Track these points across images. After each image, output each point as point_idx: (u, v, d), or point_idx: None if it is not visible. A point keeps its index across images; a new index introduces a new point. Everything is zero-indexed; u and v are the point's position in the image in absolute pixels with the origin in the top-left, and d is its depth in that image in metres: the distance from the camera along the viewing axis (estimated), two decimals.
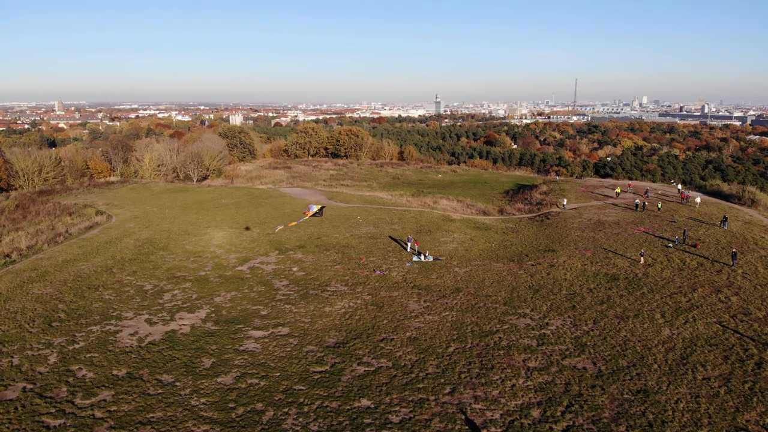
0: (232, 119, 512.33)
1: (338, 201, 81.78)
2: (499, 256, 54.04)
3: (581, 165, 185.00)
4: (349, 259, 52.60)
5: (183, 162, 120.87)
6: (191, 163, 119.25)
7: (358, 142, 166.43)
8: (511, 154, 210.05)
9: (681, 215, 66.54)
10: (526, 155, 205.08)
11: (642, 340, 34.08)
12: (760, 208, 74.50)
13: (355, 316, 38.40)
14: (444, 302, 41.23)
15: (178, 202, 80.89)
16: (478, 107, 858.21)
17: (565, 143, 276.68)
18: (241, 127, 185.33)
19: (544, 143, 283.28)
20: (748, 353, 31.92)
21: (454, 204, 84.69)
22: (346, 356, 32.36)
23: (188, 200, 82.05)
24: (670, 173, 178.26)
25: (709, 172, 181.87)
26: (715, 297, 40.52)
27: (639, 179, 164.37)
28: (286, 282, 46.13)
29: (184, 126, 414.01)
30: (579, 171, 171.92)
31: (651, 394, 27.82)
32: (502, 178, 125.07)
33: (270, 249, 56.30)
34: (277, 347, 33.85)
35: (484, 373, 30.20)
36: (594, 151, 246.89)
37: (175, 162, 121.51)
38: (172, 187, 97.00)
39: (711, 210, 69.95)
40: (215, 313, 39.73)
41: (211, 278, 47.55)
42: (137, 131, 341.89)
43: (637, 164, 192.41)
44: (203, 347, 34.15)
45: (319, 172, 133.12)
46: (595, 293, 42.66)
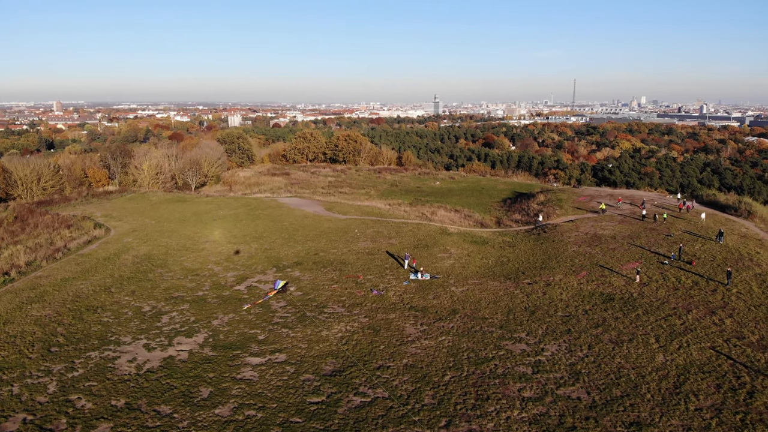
0: (231, 120, 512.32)
1: (336, 212, 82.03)
2: (496, 274, 54.32)
3: (579, 168, 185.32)
4: (346, 277, 52.85)
5: (181, 169, 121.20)
6: (189, 170, 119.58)
7: (356, 148, 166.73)
8: (510, 157, 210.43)
9: (677, 228, 66.86)
10: (525, 158, 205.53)
11: (636, 367, 34.35)
12: (756, 219, 74.80)
13: (351, 341, 38.64)
14: (440, 325, 41.51)
15: (176, 213, 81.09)
16: (476, 107, 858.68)
17: (563, 145, 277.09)
18: (240, 132, 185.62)
19: (543, 145, 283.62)
20: (740, 381, 32.20)
21: (451, 215, 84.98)
22: (343, 386, 32.60)
23: (186, 212, 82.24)
24: (668, 177, 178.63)
25: (707, 176, 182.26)
26: (709, 319, 40.80)
27: (637, 182, 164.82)
28: (283, 303, 46.38)
29: (182, 127, 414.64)
30: (577, 174, 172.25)
31: (644, 426, 28.09)
32: (499, 185, 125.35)
33: (267, 266, 56.55)
34: (274, 375, 34.08)
35: (479, 404, 30.46)
36: (592, 153, 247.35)
37: (173, 169, 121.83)
38: (170, 197, 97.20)
39: (707, 222, 70.23)
40: (213, 337, 39.95)
41: (209, 299, 47.80)
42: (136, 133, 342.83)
43: (635, 167, 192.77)
44: (201, 375, 34.36)
45: (318, 178, 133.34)
46: (591, 315, 42.94)
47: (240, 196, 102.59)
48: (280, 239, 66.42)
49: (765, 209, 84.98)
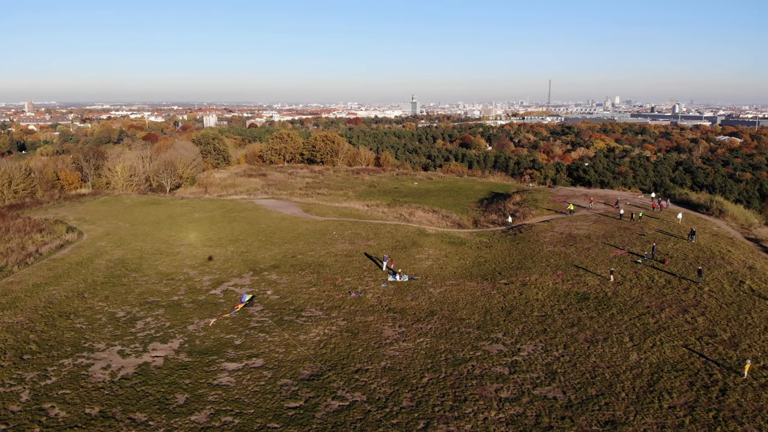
0: (206, 120, 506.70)
1: (314, 214, 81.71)
2: (473, 275, 54.67)
3: (554, 168, 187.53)
4: (324, 280, 52.68)
5: (156, 171, 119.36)
6: (164, 171, 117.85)
7: (334, 148, 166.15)
8: (486, 157, 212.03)
9: (650, 227, 68.10)
10: (501, 158, 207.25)
11: (611, 366, 34.89)
12: (727, 218, 76.68)
13: (329, 344, 38.52)
14: (419, 327, 41.63)
15: (151, 216, 79.92)
16: (453, 108, 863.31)
17: (539, 145, 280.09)
18: (215, 132, 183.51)
19: (519, 145, 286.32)
20: (712, 379, 32.91)
21: (429, 215, 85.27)
22: (321, 390, 32.49)
23: (161, 214, 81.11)
24: (641, 176, 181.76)
25: (680, 175, 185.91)
26: (681, 318, 41.63)
27: (611, 182, 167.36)
28: (260, 307, 46.02)
29: (157, 127, 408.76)
30: (552, 174, 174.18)
31: (619, 425, 28.54)
32: (477, 186, 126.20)
33: (244, 269, 56.07)
34: (251, 381, 33.80)
35: (457, 406, 30.62)
36: (567, 153, 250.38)
37: (147, 171, 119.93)
38: (144, 199, 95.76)
39: (681, 221, 71.68)
40: (188, 343, 39.46)
41: (184, 303, 47.20)
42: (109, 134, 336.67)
43: (610, 167, 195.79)
44: (177, 381, 33.91)
45: (295, 179, 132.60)
46: (566, 314, 43.48)
47: (216, 198, 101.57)
48: (257, 242, 65.92)
49: (736, 208, 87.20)
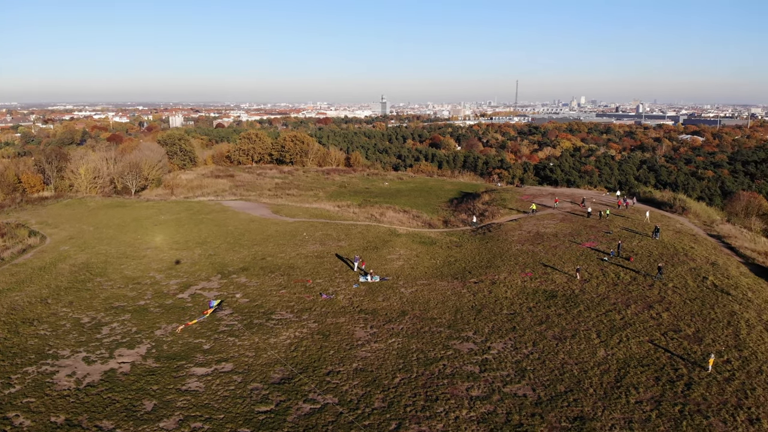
0: (172, 120, 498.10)
1: (283, 215, 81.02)
2: (444, 274, 54.95)
3: (522, 167, 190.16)
4: (295, 282, 52.25)
5: (121, 172, 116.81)
6: (129, 173, 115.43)
7: (303, 149, 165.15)
8: (456, 157, 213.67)
9: (616, 225, 69.52)
10: (470, 158, 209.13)
11: (579, 363, 35.46)
12: (690, 215, 78.84)
13: (300, 347, 38.21)
14: (390, 327, 41.62)
15: (116, 219, 78.10)
16: (423, 108, 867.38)
17: (506, 145, 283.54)
18: (182, 133, 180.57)
19: (487, 145, 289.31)
20: (678, 373, 33.73)
21: (400, 216, 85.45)
22: (292, 393, 32.20)
23: (126, 217, 79.33)
24: (606, 175, 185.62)
25: (644, 173, 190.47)
26: (647, 314, 42.58)
27: (577, 181, 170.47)
28: (229, 310, 45.37)
29: (121, 128, 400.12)
30: (520, 174, 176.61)
31: (587, 420, 29.02)
32: (446, 185, 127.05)
33: (212, 272, 55.21)
34: (220, 386, 33.29)
35: (428, 405, 30.70)
36: (534, 153, 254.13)
37: (112, 172, 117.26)
38: (109, 202, 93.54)
39: (643, 218, 73.36)
40: (156, 348, 38.67)
41: (151, 308, 46.23)
42: (72, 135, 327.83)
43: (576, 166, 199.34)
44: (144, 388, 33.19)
45: (264, 180, 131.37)
46: (535, 312, 44.03)
47: (182, 199, 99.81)
48: (225, 244, 65.00)
49: (698, 205, 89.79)
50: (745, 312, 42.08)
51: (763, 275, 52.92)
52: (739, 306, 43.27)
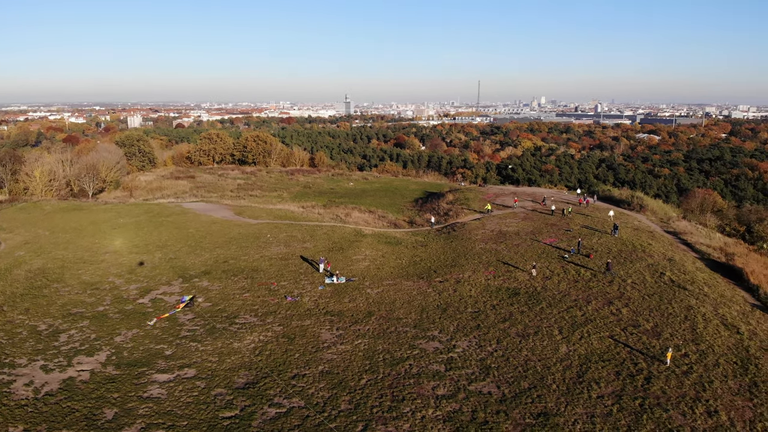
0: (131, 121, 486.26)
1: (246, 217, 79.94)
2: (410, 274, 55.12)
3: (485, 167, 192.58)
4: (259, 284, 51.59)
5: (77, 175, 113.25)
6: (86, 175, 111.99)
7: (266, 149, 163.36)
8: (420, 157, 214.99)
9: (576, 223, 70.97)
10: (434, 158, 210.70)
11: (542, 359, 36.04)
12: (647, 212, 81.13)
13: (265, 351, 37.73)
14: (356, 329, 41.50)
15: (73, 223, 75.68)
16: (387, 108, 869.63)
17: (469, 145, 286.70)
18: (140, 134, 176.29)
19: (451, 145, 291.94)
20: (637, 367, 34.59)
21: (365, 216, 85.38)
22: (257, 398, 31.76)
23: (83, 221, 76.96)
24: (567, 173, 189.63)
25: (603, 172, 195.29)
26: (607, 310, 43.57)
27: (538, 180, 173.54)
28: (191, 315, 44.45)
29: (78, 129, 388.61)
30: (483, 173, 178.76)
31: (551, 416, 29.51)
32: (411, 185, 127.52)
33: (173, 276, 54.02)
34: (183, 392, 32.60)
35: (395, 406, 30.73)
36: (496, 153, 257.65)
37: (68, 175, 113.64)
38: (65, 205, 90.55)
39: (603, 216, 75.17)
40: (116, 355, 37.62)
41: (110, 314, 44.94)
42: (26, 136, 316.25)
43: (537, 165, 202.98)
44: (104, 396, 32.25)
45: (226, 181, 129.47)
46: (498, 310, 44.57)
47: (141, 202, 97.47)
48: (186, 247, 63.71)
49: (655, 203, 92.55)
50: (701, 306, 43.47)
51: (718, 270, 54.83)
52: (696, 300, 44.69)
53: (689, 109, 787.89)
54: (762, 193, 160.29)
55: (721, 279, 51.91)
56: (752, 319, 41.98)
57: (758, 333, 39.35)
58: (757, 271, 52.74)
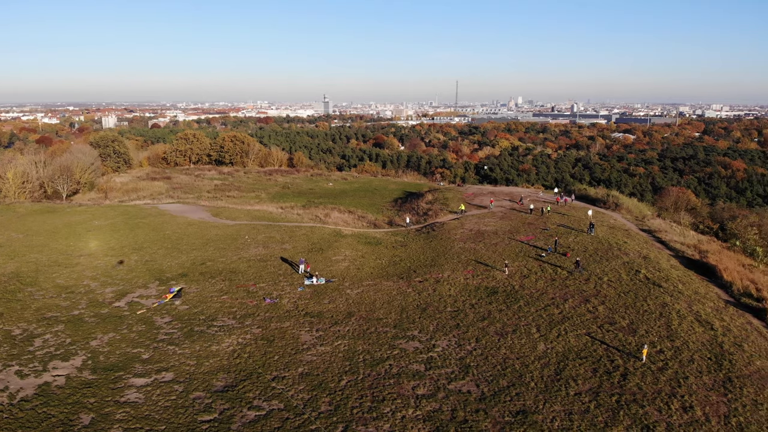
0: (105, 121, 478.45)
1: (224, 218, 79.24)
2: (389, 274, 55.19)
3: (463, 167, 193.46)
4: (238, 287, 51.14)
5: (51, 176, 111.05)
6: (60, 177, 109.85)
7: (244, 149, 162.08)
8: (399, 157, 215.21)
9: (553, 222, 71.77)
10: (413, 158, 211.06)
11: (520, 357, 36.40)
12: (623, 211, 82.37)
13: (244, 353, 37.46)
14: (336, 330, 41.42)
15: (47, 225, 74.21)
16: (366, 108, 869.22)
17: (448, 145, 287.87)
18: (115, 134, 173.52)
19: (429, 145, 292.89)
20: (614, 364, 35.13)
21: (345, 216, 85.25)
22: (236, 401, 31.51)
23: (58, 223, 75.52)
24: (543, 173, 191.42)
25: (579, 171, 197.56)
26: (584, 307, 44.16)
27: (516, 179, 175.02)
28: (168, 318, 43.92)
29: (51, 130, 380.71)
30: (461, 173, 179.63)
31: (529, 414, 29.82)
32: (391, 185, 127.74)
33: (149, 279, 53.30)
34: (161, 396, 32.21)
35: (375, 406, 30.76)
36: (475, 152, 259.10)
37: (42, 177, 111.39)
38: (39, 207, 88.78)
39: (580, 215, 76.12)
40: (92, 359, 37.00)
41: (86, 318, 44.19)
42: None
43: (514, 165, 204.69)
44: (81, 401, 31.71)
45: (203, 182, 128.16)
46: (477, 309, 44.88)
47: (117, 203, 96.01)
48: (163, 249, 62.91)
49: (630, 201, 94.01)
50: (676, 303, 44.30)
51: (692, 267, 55.93)
52: (671, 298, 45.53)
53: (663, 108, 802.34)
54: (735, 191, 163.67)
55: (695, 276, 52.95)
56: (726, 316, 42.91)
57: (732, 329, 40.23)
58: (731, 268, 53.90)
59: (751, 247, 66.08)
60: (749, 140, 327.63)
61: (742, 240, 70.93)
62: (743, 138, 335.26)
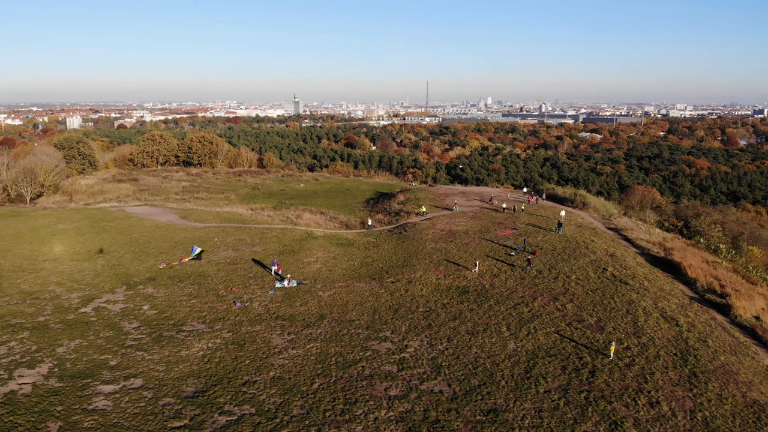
0: (70, 122, 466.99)
1: (192, 220, 78.13)
2: (362, 275, 55.20)
3: (435, 167, 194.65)
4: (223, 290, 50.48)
5: (14, 179, 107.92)
6: (24, 179, 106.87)
7: (212, 150, 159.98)
8: (371, 157, 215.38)
9: (521, 222, 72.75)
10: (385, 158, 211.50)
11: (491, 356, 36.81)
12: (590, 210, 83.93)
13: (214, 358, 37.01)
14: (308, 333, 41.25)
15: (10, 230, 72.10)
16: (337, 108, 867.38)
17: (419, 145, 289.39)
18: (80, 135, 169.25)
19: (401, 145, 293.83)
20: (582, 361, 35.77)
21: (317, 217, 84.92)
22: (207, 406, 31.12)
23: (21, 227, 73.43)
24: (513, 172, 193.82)
25: (547, 170, 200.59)
26: (552, 305, 44.89)
27: (486, 179, 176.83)
28: (136, 324, 43.12)
29: (14, 131, 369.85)
30: (433, 173, 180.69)
31: (500, 412, 30.17)
32: (363, 186, 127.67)
33: (116, 284, 52.24)
34: (130, 403, 31.60)
35: (348, 409, 30.73)
36: (446, 152, 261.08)
37: (5, 179, 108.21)
38: (2, 211, 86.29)
39: (548, 214, 77.36)
40: (59, 367, 36.08)
41: (51, 324, 43.07)
42: None
43: (484, 164, 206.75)
44: (48, 409, 30.86)
45: (170, 183, 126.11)
46: (449, 308, 45.23)
47: (82, 206, 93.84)
48: (130, 253, 61.72)
49: (597, 200, 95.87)
50: (642, 300, 45.37)
51: (658, 265, 57.37)
52: (637, 295, 46.61)
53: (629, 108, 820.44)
54: (699, 189, 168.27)
55: (660, 273, 54.32)
56: (690, 312, 44.13)
57: (696, 325, 41.40)
58: (695, 265, 55.44)
59: (714, 244, 68.13)
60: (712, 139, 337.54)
61: (705, 237, 73.11)
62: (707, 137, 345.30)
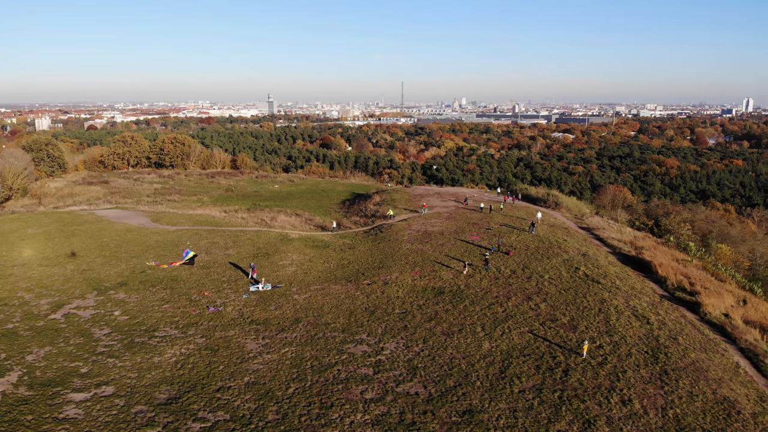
0: (38, 123, 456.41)
1: (164, 223, 76.97)
2: (338, 277, 55.05)
3: (410, 167, 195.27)
4: (196, 294, 49.78)
5: None
6: None
7: (185, 151, 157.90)
8: (347, 158, 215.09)
9: (495, 222, 73.39)
10: (361, 159, 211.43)
11: (466, 357, 37.04)
12: (563, 210, 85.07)
13: (187, 364, 36.51)
14: (283, 337, 40.99)
15: None
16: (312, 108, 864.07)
17: (395, 145, 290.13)
18: (49, 137, 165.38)
19: (377, 145, 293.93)
20: (556, 361, 36.21)
21: (292, 219, 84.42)
22: (180, 413, 30.68)
23: None
24: (487, 173, 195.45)
25: (521, 170, 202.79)
26: (526, 305, 45.36)
27: (461, 179, 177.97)
28: (107, 330, 42.28)
29: None
30: (409, 174, 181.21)
31: (475, 413, 30.38)
32: (338, 187, 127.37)
33: (87, 289, 51.16)
34: (101, 411, 30.97)
35: (323, 413, 30.62)
36: (421, 153, 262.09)
37: None
38: None
39: (521, 214, 78.17)
40: (28, 375, 35.19)
41: (20, 331, 41.97)
42: None
43: (459, 165, 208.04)
44: (17, 419, 30.07)
45: (142, 186, 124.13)
46: (424, 310, 45.38)
47: (51, 210, 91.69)
48: (101, 258, 60.52)
49: (570, 200, 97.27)
50: (613, 299, 46.13)
51: (629, 263, 58.40)
52: (609, 294, 47.38)
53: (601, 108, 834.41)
54: (669, 187, 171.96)
55: (631, 272, 55.31)
56: (661, 310, 45.02)
57: (667, 323, 42.26)
58: (665, 264, 56.59)
59: (684, 243, 69.59)
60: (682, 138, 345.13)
61: (675, 235, 74.65)
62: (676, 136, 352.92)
